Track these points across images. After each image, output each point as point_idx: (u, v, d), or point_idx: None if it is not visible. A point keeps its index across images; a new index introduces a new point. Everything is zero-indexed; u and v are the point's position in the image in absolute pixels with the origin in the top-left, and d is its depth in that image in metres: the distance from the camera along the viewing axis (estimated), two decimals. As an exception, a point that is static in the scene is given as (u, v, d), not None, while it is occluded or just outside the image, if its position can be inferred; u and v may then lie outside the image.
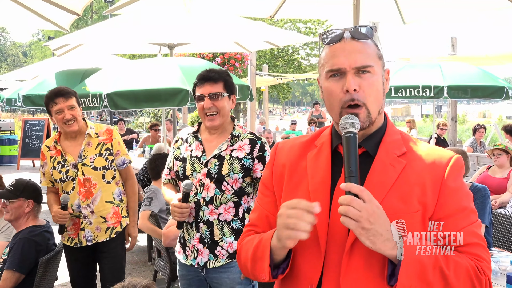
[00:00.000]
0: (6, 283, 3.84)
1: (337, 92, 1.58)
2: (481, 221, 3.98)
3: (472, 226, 1.54)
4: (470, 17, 6.42)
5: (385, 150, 1.61)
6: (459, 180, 1.58)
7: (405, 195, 1.53)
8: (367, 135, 1.63)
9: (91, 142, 4.01)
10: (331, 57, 1.60)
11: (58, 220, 3.86)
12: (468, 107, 62.47)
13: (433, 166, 1.57)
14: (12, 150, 18.21)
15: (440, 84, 8.22)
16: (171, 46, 8.24)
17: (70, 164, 3.95)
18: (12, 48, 74.33)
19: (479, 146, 11.32)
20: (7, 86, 18.33)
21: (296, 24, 27.87)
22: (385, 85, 1.66)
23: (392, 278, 1.46)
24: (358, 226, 1.40)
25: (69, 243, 4.04)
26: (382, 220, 1.42)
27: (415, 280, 1.41)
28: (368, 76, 1.57)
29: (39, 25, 5.70)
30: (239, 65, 14.17)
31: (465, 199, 1.57)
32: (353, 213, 1.40)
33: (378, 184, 1.54)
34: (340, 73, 1.58)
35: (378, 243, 1.42)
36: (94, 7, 49.45)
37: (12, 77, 18.44)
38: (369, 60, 1.58)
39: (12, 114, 36.36)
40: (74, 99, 3.94)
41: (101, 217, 3.97)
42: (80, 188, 3.94)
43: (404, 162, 1.58)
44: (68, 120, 3.89)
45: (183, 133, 3.32)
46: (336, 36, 1.61)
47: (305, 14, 10.64)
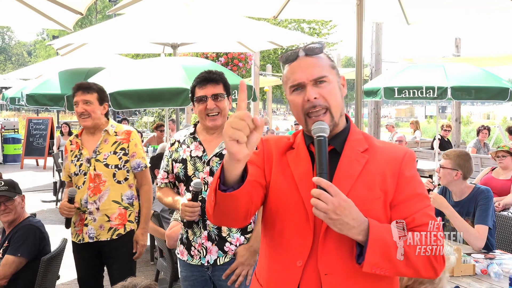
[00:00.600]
0: (6, 268, 3.89)
1: (300, 102, 1.84)
2: (484, 223, 3.99)
3: (426, 209, 1.80)
4: (474, 17, 6.38)
5: (350, 147, 1.87)
6: (413, 170, 1.86)
7: (369, 184, 1.80)
8: (333, 135, 1.89)
9: (108, 140, 4.02)
10: (291, 74, 1.87)
11: (63, 213, 3.87)
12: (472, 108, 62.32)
13: (391, 159, 1.85)
14: (16, 149, 18.29)
15: (443, 85, 8.18)
16: (174, 46, 8.24)
17: (85, 158, 3.98)
18: (16, 47, 74.53)
19: (483, 147, 11.29)
20: (11, 85, 18.36)
21: (300, 25, 27.82)
22: (342, 90, 1.91)
23: (360, 257, 1.71)
24: (326, 217, 1.66)
25: (75, 239, 4.04)
26: (347, 211, 1.65)
27: (380, 257, 1.66)
28: (325, 85, 1.83)
29: (43, 25, 5.71)
30: (243, 65, 14.17)
31: (419, 186, 1.85)
32: (321, 206, 1.65)
33: (345, 176, 1.81)
34: (301, 87, 1.84)
35: (345, 231, 1.67)
36: (98, 7, 49.54)
37: (16, 76, 18.47)
38: (323, 71, 1.84)
39: (16, 113, 36.45)
40: (96, 95, 3.96)
41: (106, 215, 3.95)
42: (90, 183, 3.94)
43: (366, 157, 1.85)
44: (81, 114, 3.92)
45: (178, 136, 3.32)
46: (292, 55, 1.88)
47: (309, 15, 10.63)
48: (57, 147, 14.44)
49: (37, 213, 5.17)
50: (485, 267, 3.52)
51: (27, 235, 4.02)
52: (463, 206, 4.19)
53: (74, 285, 6.15)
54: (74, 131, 17.18)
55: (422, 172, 10.14)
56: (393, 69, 10.27)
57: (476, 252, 3.89)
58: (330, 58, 1.92)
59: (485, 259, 3.71)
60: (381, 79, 9.60)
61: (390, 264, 1.68)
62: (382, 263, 1.67)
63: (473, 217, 4.10)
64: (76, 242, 4.04)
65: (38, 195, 11.87)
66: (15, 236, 4.02)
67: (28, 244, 3.99)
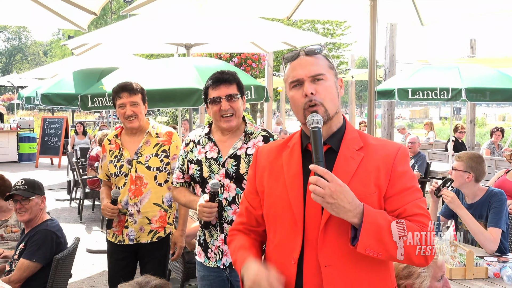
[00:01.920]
0: (21, 272, 3.89)
1: (299, 98, 1.98)
2: (498, 226, 3.95)
3: (417, 201, 1.92)
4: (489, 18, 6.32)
5: (346, 146, 1.99)
6: (405, 165, 1.98)
7: (364, 180, 1.91)
8: (330, 134, 2.01)
9: (150, 141, 3.98)
10: (291, 71, 2.02)
11: (107, 214, 3.85)
12: (487, 110, 61.71)
13: (385, 155, 1.96)
14: (31, 147, 18.46)
15: (458, 87, 8.13)
16: (188, 46, 8.27)
17: (126, 159, 3.94)
18: (33, 47, 75.19)
19: (497, 149, 11.19)
20: (27, 84, 18.55)
21: (315, 25, 27.78)
22: (339, 91, 2.05)
23: (354, 240, 1.82)
24: (324, 201, 1.78)
25: (113, 240, 4.01)
26: (343, 195, 1.77)
27: (373, 239, 1.77)
28: (322, 82, 1.97)
29: (59, 25, 5.74)
30: (256, 66, 14.17)
31: (411, 180, 1.96)
32: (319, 191, 1.77)
33: (342, 173, 1.90)
34: (300, 83, 1.98)
35: (341, 214, 1.79)
36: (113, 7, 49.82)
37: (32, 76, 18.67)
38: (321, 69, 1.98)
39: (32, 112, 36.77)
40: (140, 96, 3.93)
41: (147, 218, 3.91)
42: (131, 185, 3.90)
43: (362, 154, 1.96)
44: (129, 116, 3.88)
45: (193, 136, 3.31)
46: (294, 55, 2.04)
47: (322, 15, 10.61)
48: (71, 146, 14.56)
49: (51, 212, 5.22)
50: (498, 270, 3.49)
51: (43, 240, 3.99)
52: (476, 209, 4.15)
53: (86, 284, 6.20)
54: (89, 131, 17.32)
55: (435, 174, 10.08)
56: (407, 70, 10.22)
57: (489, 255, 3.86)
58: (329, 60, 2.06)
59: (498, 262, 3.68)
60: (395, 80, 9.56)
61: (383, 247, 1.79)
62: (376, 245, 1.78)
63: (486, 219, 4.07)
64: (114, 243, 4.00)
65: (53, 193, 11.96)
66: (32, 239, 4.00)
67: (44, 250, 3.97)
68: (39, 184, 4.23)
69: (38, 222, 4.13)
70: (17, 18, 6.44)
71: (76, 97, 6.69)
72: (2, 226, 4.71)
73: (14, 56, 73.13)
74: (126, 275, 4.06)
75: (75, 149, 13.67)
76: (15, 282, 3.87)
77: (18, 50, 73.63)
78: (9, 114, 31.12)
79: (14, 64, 71.02)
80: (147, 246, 3.96)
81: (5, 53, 73.25)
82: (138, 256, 4.05)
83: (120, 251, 4.01)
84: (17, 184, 4.14)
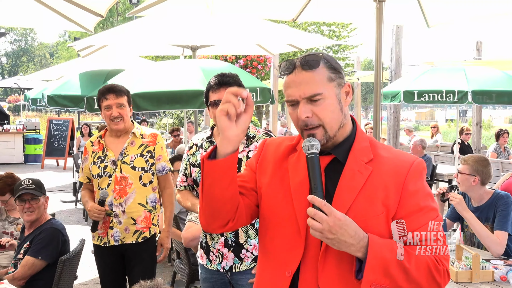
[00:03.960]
0: (25, 270, 3.91)
1: (295, 118, 1.79)
2: (504, 229, 3.94)
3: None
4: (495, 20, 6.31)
5: (354, 157, 1.80)
6: (419, 182, 1.78)
7: (371, 199, 1.73)
8: (336, 144, 1.83)
9: (135, 142, 4.00)
10: (286, 88, 1.80)
11: (93, 216, 3.86)
12: (493, 112, 61.49)
13: (396, 171, 1.77)
14: (37, 149, 18.51)
15: (464, 89, 8.10)
16: (194, 48, 8.28)
17: (110, 160, 3.95)
18: (39, 48, 75.47)
19: (503, 152, 11.13)
20: (33, 86, 18.62)
21: (320, 27, 27.76)
22: (344, 101, 1.82)
23: (359, 273, 1.66)
24: (323, 236, 1.63)
25: (98, 243, 4.02)
26: (343, 229, 1.61)
27: (379, 274, 1.63)
28: (320, 102, 1.76)
29: (65, 26, 5.77)
30: (262, 68, 14.15)
31: (424, 199, 1.76)
32: (316, 226, 1.61)
33: (347, 189, 1.75)
34: (295, 103, 1.79)
35: (344, 248, 1.64)
36: (120, 9, 49.94)
37: (38, 77, 18.72)
38: (317, 88, 1.75)
39: (38, 113, 36.89)
40: (126, 98, 3.96)
41: (132, 218, 3.93)
42: (115, 185, 3.92)
43: (370, 169, 1.77)
44: (115, 118, 3.90)
45: (196, 139, 3.32)
46: (289, 67, 1.80)
47: (328, 17, 10.62)
48: (77, 148, 14.60)
49: (56, 213, 5.24)
50: (505, 273, 3.48)
51: (50, 238, 4.02)
52: (482, 212, 4.14)
53: (91, 285, 6.21)
54: (95, 132, 17.36)
55: (441, 176, 10.06)
56: (413, 73, 10.20)
57: (495, 258, 3.85)
58: (331, 67, 1.80)
59: (505, 265, 3.66)
60: (401, 82, 9.54)
61: (390, 280, 1.64)
62: (382, 279, 1.64)
63: (493, 223, 4.06)
64: (100, 245, 4.02)
65: (58, 195, 11.99)
66: (37, 237, 4.02)
67: (50, 248, 3.99)
68: (43, 184, 4.28)
69: (42, 222, 4.17)
70: (23, 20, 6.47)
71: (82, 99, 6.71)
72: (13, 224, 4.75)
73: (20, 57, 73.42)
74: (117, 278, 4.11)
75: (81, 150, 13.70)
76: (19, 279, 3.89)
77: (24, 51, 73.92)
78: (15, 116, 31.23)
79: (20, 65, 71.33)
80: (133, 247, 3.97)
81: (12, 54, 73.59)
82: (125, 260, 4.06)
83: (107, 254, 4.02)
84: (24, 183, 4.15)
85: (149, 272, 4.02)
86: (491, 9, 5.83)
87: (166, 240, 4.02)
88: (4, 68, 73.56)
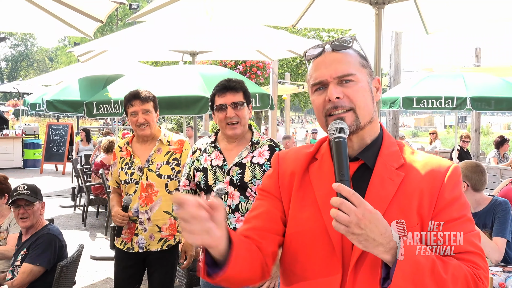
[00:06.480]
0: (24, 276, 3.90)
1: (321, 103, 1.60)
2: (503, 235, 3.94)
3: (469, 234, 1.50)
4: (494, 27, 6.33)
5: (383, 163, 1.59)
6: (456, 190, 1.57)
7: (405, 208, 1.52)
8: (363, 147, 1.63)
9: (161, 149, 3.98)
10: (314, 71, 1.62)
11: (117, 221, 3.85)
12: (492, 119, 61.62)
13: (431, 176, 1.56)
14: (36, 154, 18.50)
15: (463, 96, 8.12)
16: (193, 54, 8.29)
17: (137, 167, 3.94)
18: (38, 53, 75.63)
19: (502, 159, 11.15)
20: (32, 90, 18.64)
21: (320, 33, 27.83)
22: (374, 94, 1.66)
23: (385, 281, 1.42)
24: (348, 231, 1.38)
25: (121, 247, 4.00)
26: (373, 224, 1.38)
27: (409, 283, 1.38)
28: (351, 84, 1.58)
29: (65, 32, 5.79)
30: (261, 73, 14.19)
31: (461, 209, 1.55)
32: (342, 218, 1.37)
33: (377, 198, 1.52)
34: (323, 85, 1.60)
35: (370, 247, 1.40)
36: (119, 14, 50.05)
37: (38, 82, 18.76)
38: (350, 68, 1.58)
39: (37, 118, 36.91)
40: (152, 103, 3.93)
41: (157, 226, 3.90)
42: (141, 192, 3.90)
43: (402, 175, 1.56)
44: (141, 124, 3.88)
45: (200, 144, 3.33)
46: (316, 50, 1.64)
47: (327, 23, 10.65)
48: (76, 153, 14.58)
49: (55, 218, 5.23)
50: (503, 280, 3.48)
51: (46, 244, 4.00)
52: (480, 218, 4.14)
53: (90, 290, 6.19)
54: (94, 138, 17.36)
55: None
56: (412, 79, 10.23)
57: (494, 265, 3.84)
58: (363, 55, 1.66)
59: (503, 272, 3.66)
60: (400, 88, 9.57)
61: None
62: None
63: (491, 229, 4.06)
64: (123, 250, 3.99)
65: (57, 200, 11.98)
66: (34, 244, 4.01)
67: (47, 254, 3.98)
68: (39, 190, 4.27)
69: (39, 228, 4.15)
70: (23, 25, 6.49)
71: (82, 104, 6.71)
72: None
73: (20, 62, 73.54)
74: (133, 282, 4.07)
75: (80, 155, 13.70)
76: (18, 287, 3.88)
77: (24, 56, 74.05)
78: (15, 120, 31.23)
79: (20, 70, 71.44)
80: (156, 254, 3.95)
81: (11, 59, 73.68)
82: (146, 264, 4.04)
83: (128, 258, 4.00)
84: (19, 189, 4.13)
85: (169, 279, 4.01)
86: (490, 16, 5.85)
87: (190, 247, 3.88)
88: (3, 73, 73.64)
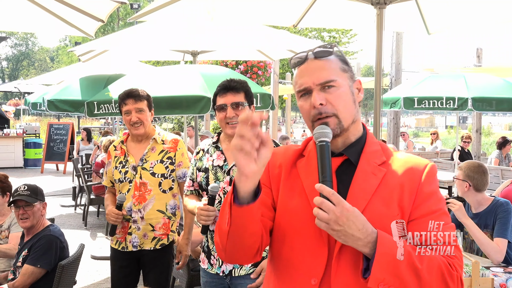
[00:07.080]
0: (25, 278, 3.89)
1: (307, 109, 1.73)
2: (504, 236, 3.93)
3: (446, 226, 1.62)
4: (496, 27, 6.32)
5: (366, 159, 1.73)
6: (433, 185, 1.71)
7: (387, 200, 1.66)
8: (348, 144, 1.76)
9: (155, 148, 3.98)
10: (298, 78, 1.76)
11: (111, 220, 3.83)
12: (493, 119, 61.60)
13: (410, 173, 1.70)
14: (37, 153, 18.52)
15: (464, 96, 8.12)
16: (194, 54, 8.29)
17: (131, 165, 3.94)
18: (39, 52, 75.67)
19: (504, 160, 11.15)
20: (33, 90, 18.66)
21: (321, 33, 27.85)
22: (356, 95, 1.78)
23: (366, 271, 1.56)
24: (328, 228, 1.53)
25: (116, 247, 4.00)
26: (351, 221, 1.51)
27: (387, 273, 1.51)
28: (333, 90, 1.71)
29: (66, 31, 5.79)
30: (262, 73, 14.18)
31: (438, 203, 1.69)
32: (322, 215, 1.52)
33: (361, 191, 1.67)
34: (308, 91, 1.73)
35: (350, 242, 1.54)
36: (121, 13, 50.07)
37: (39, 82, 18.77)
38: (331, 75, 1.71)
39: (38, 117, 36.93)
40: (146, 102, 3.92)
41: (150, 225, 3.90)
42: (135, 191, 3.90)
43: (384, 170, 1.71)
44: (135, 123, 3.88)
45: (204, 144, 3.34)
46: (301, 59, 1.77)
47: (328, 24, 10.66)
48: (77, 152, 14.59)
49: (55, 217, 5.22)
50: (504, 281, 3.47)
51: (47, 246, 3.99)
52: (481, 218, 4.14)
53: (90, 290, 6.19)
54: (95, 137, 17.37)
55: (441, 183, 10.05)
56: (413, 79, 10.23)
57: (495, 266, 3.84)
58: (343, 60, 1.78)
59: (504, 273, 3.66)
60: (401, 89, 9.56)
61: (399, 281, 1.52)
62: (391, 279, 1.52)
63: (492, 229, 4.06)
64: (117, 249, 4.00)
65: (58, 199, 11.98)
66: (35, 245, 4.00)
67: (48, 255, 3.97)
68: (40, 190, 4.24)
69: (40, 229, 4.13)
70: (25, 25, 6.49)
71: (83, 104, 6.71)
72: None
73: (21, 62, 73.61)
74: (129, 282, 4.07)
75: (81, 155, 13.70)
76: None
77: (25, 56, 74.12)
78: (15, 120, 31.26)
79: (21, 70, 71.51)
80: (150, 253, 3.95)
81: (12, 58, 73.77)
82: (140, 264, 4.04)
83: (123, 258, 4.00)
84: (19, 189, 4.12)
85: (164, 279, 4.00)
86: (491, 17, 5.84)
87: (185, 247, 3.90)
88: (4, 72, 73.73)
